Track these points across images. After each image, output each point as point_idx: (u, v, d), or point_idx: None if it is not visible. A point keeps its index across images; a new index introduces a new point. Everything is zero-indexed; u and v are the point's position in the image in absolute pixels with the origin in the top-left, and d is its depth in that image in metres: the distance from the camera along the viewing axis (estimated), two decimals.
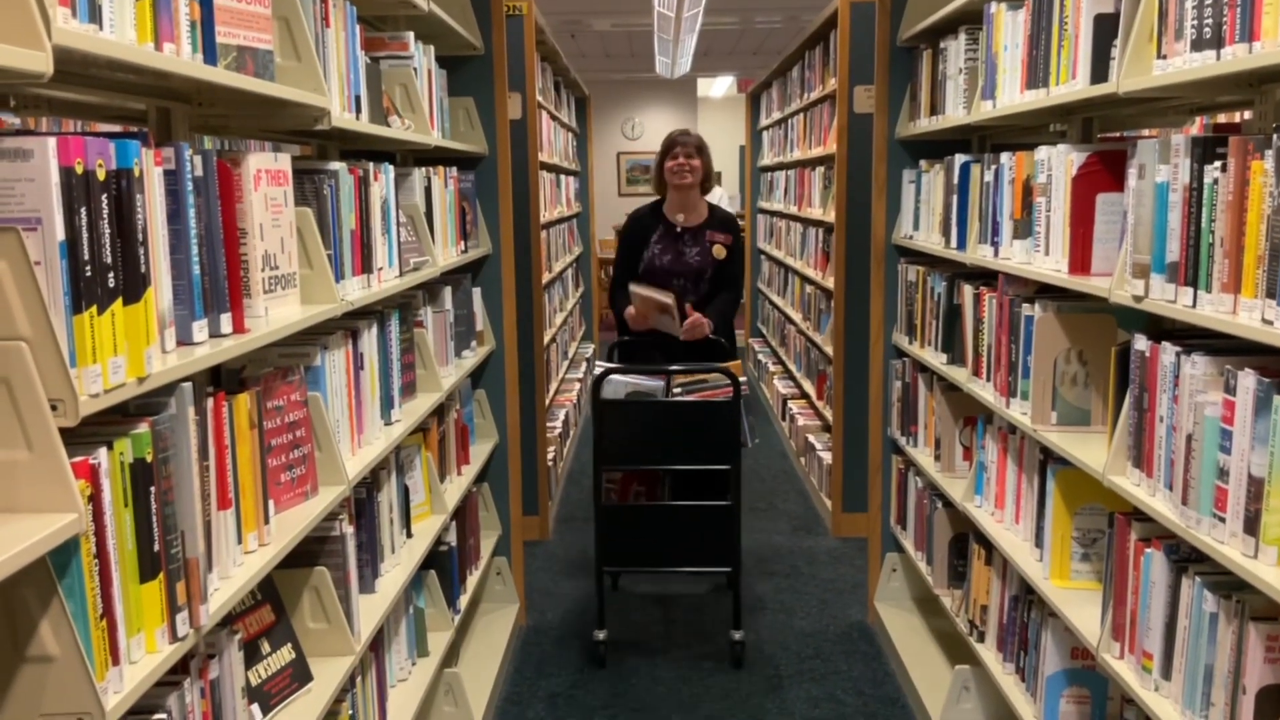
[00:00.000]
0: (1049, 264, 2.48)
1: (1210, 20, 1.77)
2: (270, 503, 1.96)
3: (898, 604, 4.06)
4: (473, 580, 3.65)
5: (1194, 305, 1.81)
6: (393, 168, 2.71)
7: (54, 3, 1.24)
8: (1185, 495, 1.87)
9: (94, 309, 1.31)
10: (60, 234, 1.25)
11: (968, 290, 3.11)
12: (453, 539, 3.33)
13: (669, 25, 8.52)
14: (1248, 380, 1.68)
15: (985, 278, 3.02)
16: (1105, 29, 2.22)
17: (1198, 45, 1.81)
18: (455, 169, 3.51)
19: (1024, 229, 2.63)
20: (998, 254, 2.80)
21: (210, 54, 1.67)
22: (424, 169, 3.14)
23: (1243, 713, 1.75)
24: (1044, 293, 2.61)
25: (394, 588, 2.65)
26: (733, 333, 4.38)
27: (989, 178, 2.87)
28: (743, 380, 3.75)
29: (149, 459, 1.46)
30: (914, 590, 4.07)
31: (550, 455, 5.40)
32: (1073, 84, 2.34)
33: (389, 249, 2.66)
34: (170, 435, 1.53)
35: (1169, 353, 1.94)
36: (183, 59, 1.58)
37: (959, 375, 3.14)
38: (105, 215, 1.34)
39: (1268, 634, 1.71)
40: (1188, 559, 1.94)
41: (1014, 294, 2.72)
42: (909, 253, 3.77)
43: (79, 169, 1.28)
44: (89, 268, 1.30)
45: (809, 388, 6.43)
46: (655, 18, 8.35)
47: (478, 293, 3.81)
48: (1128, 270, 2.05)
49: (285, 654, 2.14)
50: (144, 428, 1.46)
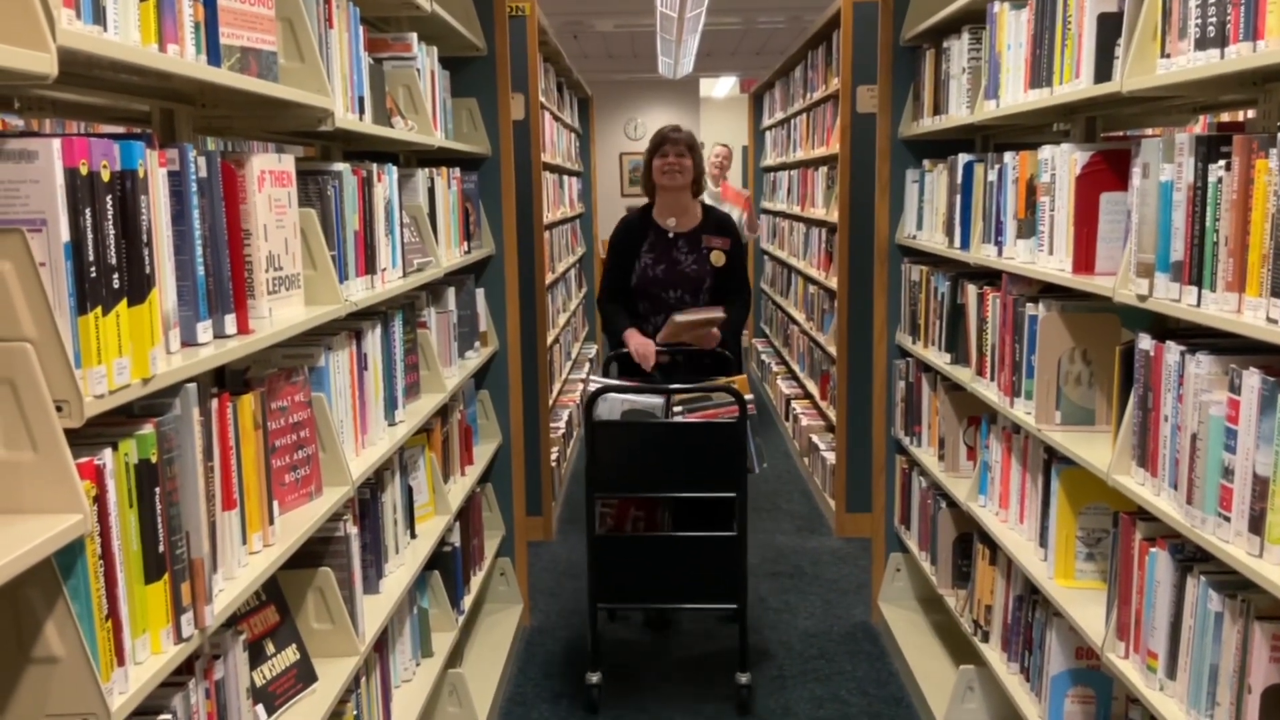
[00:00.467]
0: (1053, 263, 2.47)
1: (1214, 19, 1.77)
2: (275, 503, 1.96)
3: (902, 604, 4.06)
4: (476, 581, 3.65)
5: (1198, 304, 1.81)
6: (396, 169, 2.72)
7: (58, 4, 1.25)
8: (1190, 494, 1.87)
9: (99, 310, 1.31)
10: (65, 235, 1.26)
11: (971, 290, 3.11)
12: (456, 539, 3.33)
13: (671, 25, 8.51)
14: (1252, 379, 1.68)
15: (989, 277, 3.02)
16: (1109, 28, 2.22)
17: (1201, 44, 1.80)
18: (458, 170, 3.51)
19: (1028, 228, 2.63)
20: (1001, 253, 2.79)
21: (214, 55, 1.67)
22: (427, 170, 3.14)
23: (1248, 712, 1.75)
24: (1048, 292, 2.60)
25: (398, 588, 2.65)
26: (740, 345, 4.11)
27: (992, 177, 2.87)
28: (749, 398, 3.46)
29: (154, 460, 1.46)
30: (918, 590, 4.06)
31: (554, 456, 5.41)
32: (1076, 83, 2.34)
33: (392, 250, 2.66)
34: (175, 436, 1.53)
35: (1173, 352, 1.94)
36: (186, 60, 1.58)
37: (963, 375, 3.14)
38: (110, 216, 1.34)
39: (1273, 633, 1.71)
40: (1192, 558, 1.94)
41: (1018, 293, 2.72)
42: (912, 252, 3.76)
43: (83, 170, 1.29)
44: (94, 269, 1.31)
45: (812, 388, 6.43)
46: (658, 18, 8.35)
47: (481, 293, 3.81)
48: (1132, 269, 2.05)
49: (290, 654, 2.15)
50: (149, 428, 1.46)
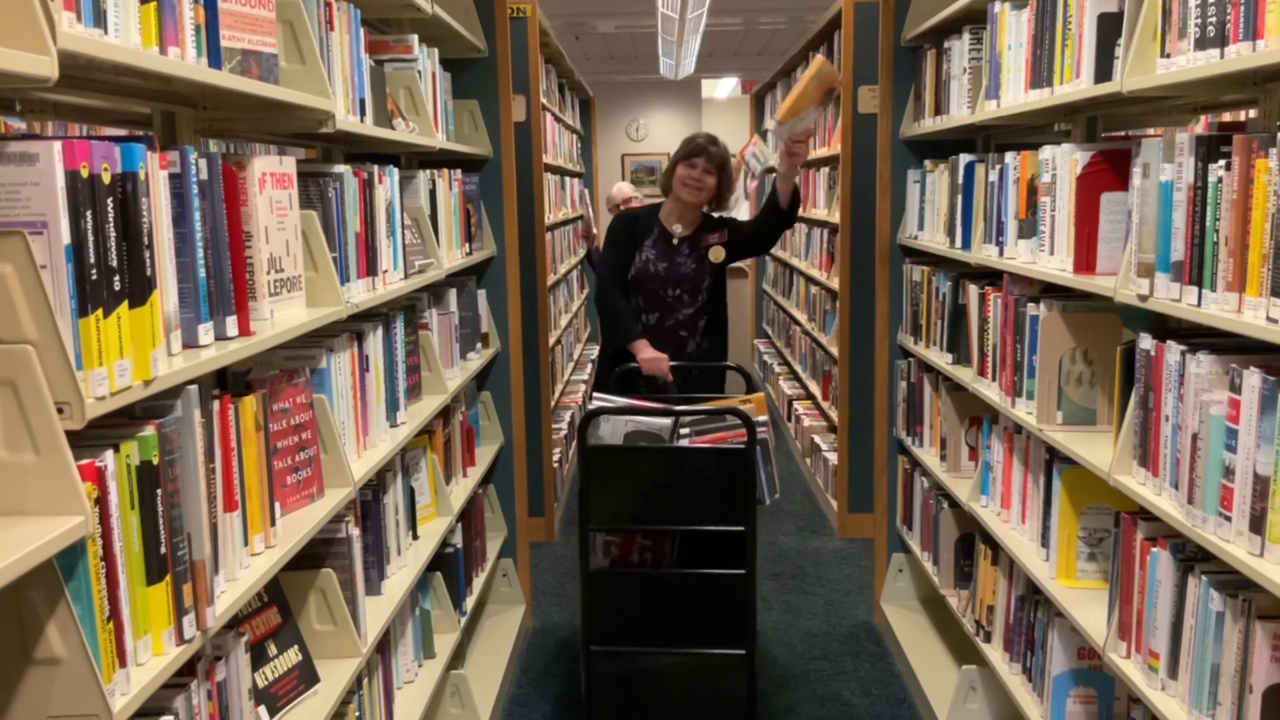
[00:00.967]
0: (1054, 263, 2.47)
1: (1214, 19, 1.77)
2: (276, 505, 1.96)
3: (904, 604, 4.05)
4: (479, 582, 3.65)
5: (1199, 304, 1.81)
6: (397, 170, 2.72)
7: (59, 7, 1.25)
8: (1191, 494, 1.87)
9: (100, 312, 1.32)
10: (66, 237, 1.26)
11: (973, 290, 3.11)
12: (458, 541, 3.34)
13: (673, 26, 8.51)
14: (1253, 379, 1.68)
15: (990, 277, 3.02)
16: (1109, 28, 2.22)
17: (1201, 44, 1.80)
18: (460, 171, 3.51)
19: (1029, 228, 2.63)
20: (1003, 253, 2.79)
21: (215, 58, 1.68)
22: (428, 171, 3.14)
23: (1249, 712, 1.75)
24: (1049, 292, 2.60)
25: (400, 590, 2.65)
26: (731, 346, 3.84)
27: (993, 177, 2.87)
28: (763, 421, 3.11)
29: (155, 461, 1.46)
30: (920, 590, 4.06)
31: (556, 457, 5.41)
32: (1077, 83, 2.34)
33: (394, 251, 2.66)
34: (176, 438, 1.53)
35: (1174, 352, 1.94)
36: (187, 63, 1.58)
37: (964, 375, 3.14)
38: (111, 219, 1.34)
39: (1274, 633, 1.71)
40: (1194, 558, 1.94)
41: (1019, 293, 2.72)
42: (914, 253, 3.76)
43: (84, 173, 1.29)
44: (94, 271, 1.31)
45: (814, 388, 6.42)
46: (659, 19, 8.35)
47: (482, 295, 3.81)
48: (1133, 269, 2.05)
49: (292, 656, 2.15)
50: (150, 430, 1.46)
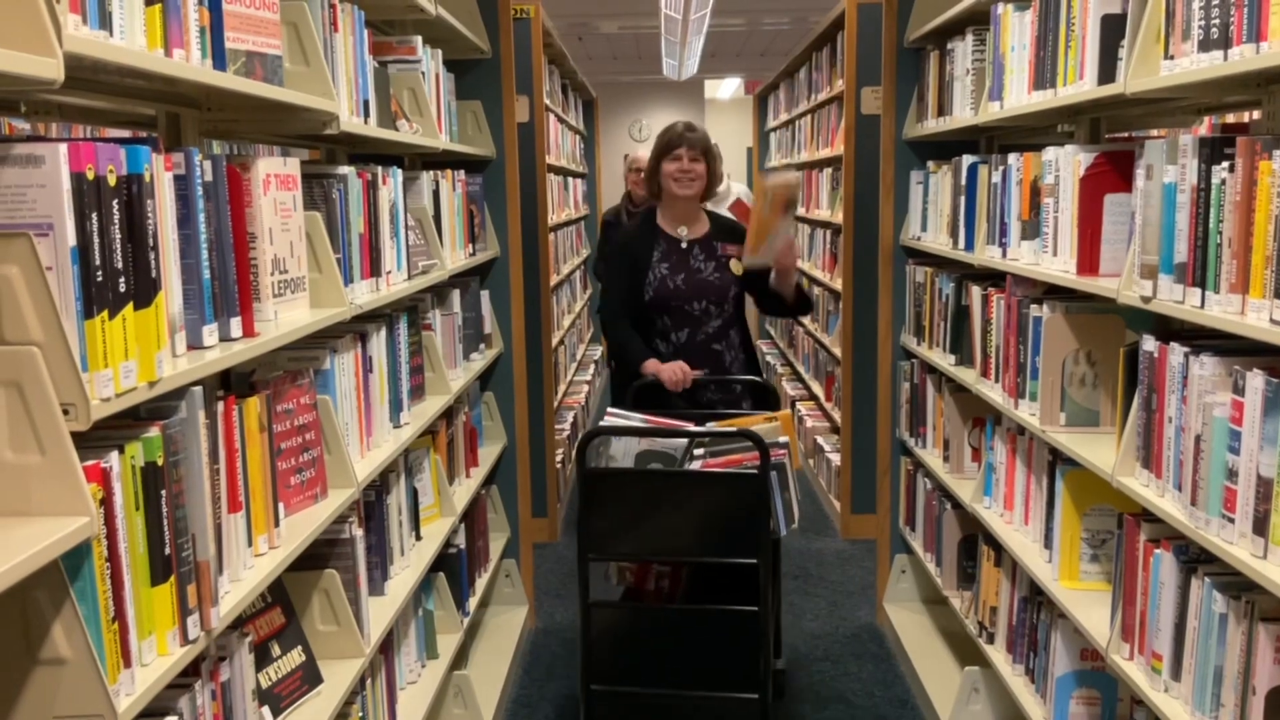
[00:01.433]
0: (1057, 265, 2.47)
1: (1218, 20, 1.77)
2: (280, 505, 1.96)
3: (907, 605, 4.05)
4: (482, 582, 3.65)
5: (1202, 306, 1.81)
6: (401, 171, 2.72)
7: (65, 10, 1.25)
8: (1194, 496, 1.87)
9: (105, 314, 1.32)
10: (71, 239, 1.26)
11: (976, 291, 3.11)
12: (461, 541, 3.34)
13: (676, 27, 8.52)
14: (1256, 381, 1.68)
15: (993, 279, 3.02)
16: (1112, 29, 2.22)
17: (1205, 45, 1.81)
18: (463, 172, 3.52)
19: (1032, 230, 2.63)
20: (1006, 255, 2.79)
21: (219, 59, 1.68)
22: (432, 172, 3.15)
23: (1252, 714, 1.75)
24: (1052, 293, 2.60)
25: (403, 590, 2.66)
26: (760, 367, 3.56)
27: (997, 179, 2.87)
28: (782, 442, 2.88)
29: (160, 462, 1.47)
30: (923, 591, 4.06)
31: (559, 457, 5.41)
32: (1080, 84, 2.34)
33: (397, 252, 2.67)
34: (181, 439, 1.54)
35: (1177, 353, 1.94)
36: (192, 65, 1.59)
37: (967, 376, 3.14)
38: (116, 220, 1.35)
39: (1277, 634, 1.71)
40: (1197, 560, 1.94)
41: (1022, 295, 2.72)
42: (917, 254, 3.76)
43: (90, 175, 1.29)
44: (100, 273, 1.31)
45: (817, 389, 6.42)
46: (662, 20, 8.35)
47: (486, 295, 3.82)
48: (1136, 271, 2.05)
49: (295, 656, 2.15)
50: (155, 431, 1.46)
